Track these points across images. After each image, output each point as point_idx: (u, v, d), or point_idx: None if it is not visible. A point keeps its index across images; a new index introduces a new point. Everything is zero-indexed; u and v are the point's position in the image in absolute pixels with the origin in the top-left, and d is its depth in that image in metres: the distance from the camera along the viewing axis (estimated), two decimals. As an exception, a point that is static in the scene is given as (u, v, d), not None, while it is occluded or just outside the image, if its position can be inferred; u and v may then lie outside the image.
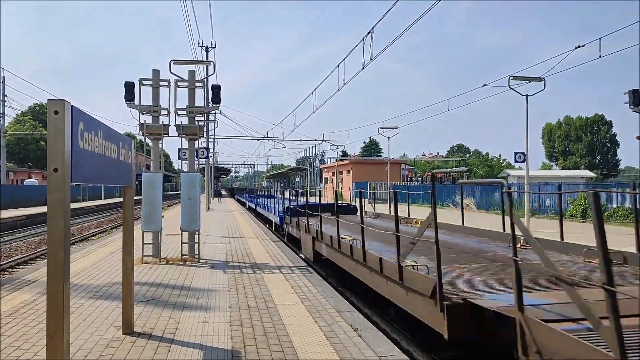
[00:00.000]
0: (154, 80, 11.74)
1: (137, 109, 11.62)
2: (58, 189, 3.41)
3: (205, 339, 5.53)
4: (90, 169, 4.10)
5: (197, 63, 18.88)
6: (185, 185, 11.32)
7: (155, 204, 10.76)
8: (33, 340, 5.43)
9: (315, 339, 5.53)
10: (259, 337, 5.59)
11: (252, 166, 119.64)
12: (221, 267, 10.35)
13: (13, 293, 7.79)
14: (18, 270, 13.91)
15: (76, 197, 46.16)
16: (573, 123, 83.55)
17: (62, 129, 3.41)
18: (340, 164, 64.38)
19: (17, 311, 6.67)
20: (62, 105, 3.44)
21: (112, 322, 6.15)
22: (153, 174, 11.06)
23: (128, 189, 5.83)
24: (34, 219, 28.21)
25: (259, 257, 11.98)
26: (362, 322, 6.39)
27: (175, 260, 11.01)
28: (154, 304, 7.13)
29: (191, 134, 12.21)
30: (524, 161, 20.73)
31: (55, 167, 3.39)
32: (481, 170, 66.83)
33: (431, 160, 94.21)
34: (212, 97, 12.51)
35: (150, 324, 6.14)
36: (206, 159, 32.76)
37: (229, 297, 7.63)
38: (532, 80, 19.68)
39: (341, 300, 7.62)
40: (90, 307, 6.87)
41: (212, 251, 12.79)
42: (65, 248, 3.45)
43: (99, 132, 4.28)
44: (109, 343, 5.35)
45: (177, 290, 8.06)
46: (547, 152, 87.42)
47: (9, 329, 5.83)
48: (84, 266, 10.35)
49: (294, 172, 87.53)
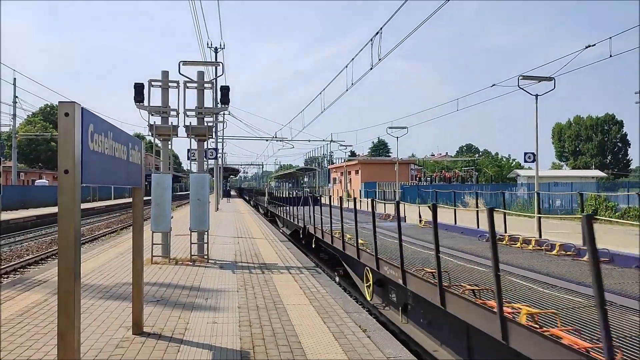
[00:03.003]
0: (164, 81, 11.81)
1: (146, 110, 11.68)
2: (69, 190, 3.43)
3: (215, 340, 5.54)
4: (101, 170, 4.13)
5: (206, 64, 18.98)
6: (194, 186, 11.36)
7: (164, 204, 10.81)
8: (44, 340, 5.47)
9: (324, 340, 5.53)
10: (268, 338, 5.60)
11: (261, 166, 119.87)
12: (230, 268, 10.38)
13: (24, 293, 7.85)
14: (29, 270, 14.04)
15: (86, 198, 46.50)
16: (583, 123, 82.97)
17: (72, 130, 3.44)
18: (349, 164, 64.31)
19: (28, 311, 6.73)
20: (72, 107, 3.47)
21: (122, 322, 6.19)
22: (162, 175, 11.11)
23: (137, 189, 5.86)
24: (44, 219, 28.43)
25: (267, 257, 11.99)
26: (371, 322, 6.38)
27: (185, 261, 11.05)
28: (163, 304, 7.16)
29: (200, 134, 12.26)
30: (534, 161, 20.61)
31: (66, 168, 3.42)
32: (490, 171, 66.47)
33: (440, 160, 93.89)
34: (221, 97, 12.55)
35: (160, 324, 6.17)
36: (215, 160, 32.84)
37: (237, 297, 7.65)
38: (542, 79, 19.56)
39: (350, 301, 7.62)
40: (100, 307, 6.92)
41: (221, 251, 12.82)
42: (76, 249, 3.47)
43: (109, 134, 4.31)
44: (119, 343, 5.38)
45: (187, 291, 8.09)
46: (557, 152, 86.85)
47: (20, 329, 5.88)
48: (94, 266, 10.42)
49: (302, 172, 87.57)
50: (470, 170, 69.48)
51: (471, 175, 65.59)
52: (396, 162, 41.83)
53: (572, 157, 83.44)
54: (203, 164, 12.76)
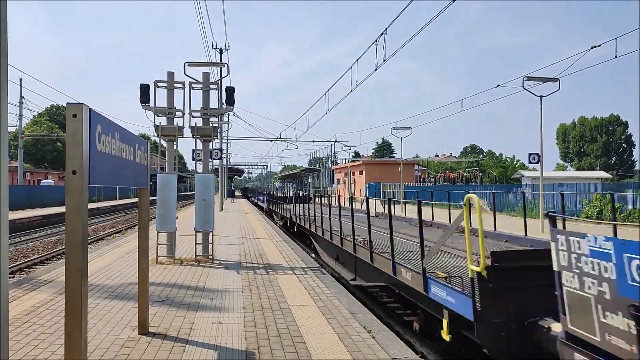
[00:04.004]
0: (169, 82, 11.84)
1: (152, 110, 11.72)
2: (76, 191, 3.45)
3: (220, 340, 5.56)
4: (108, 171, 4.15)
5: (211, 65, 19.03)
6: (199, 186, 11.40)
7: (169, 204, 10.85)
8: (50, 339, 5.51)
9: (328, 341, 5.54)
10: (273, 338, 5.62)
11: (265, 167, 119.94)
12: (235, 268, 10.40)
13: (30, 292, 7.90)
14: (35, 270, 14.11)
15: (92, 198, 46.64)
16: (588, 124, 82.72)
17: (80, 132, 3.46)
18: (353, 165, 64.27)
19: (35, 310, 6.77)
20: (80, 108, 3.49)
21: (128, 322, 6.22)
22: (168, 175, 11.15)
23: (143, 190, 5.89)
24: (50, 219, 28.57)
25: (272, 257, 12.01)
26: (375, 323, 6.38)
27: (190, 261, 11.09)
28: (168, 304, 7.19)
29: (205, 135, 12.29)
30: (538, 162, 20.57)
31: (73, 169, 3.44)
32: (495, 172, 66.32)
33: (444, 161, 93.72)
34: (226, 98, 12.58)
35: (165, 324, 6.19)
36: (220, 160, 32.89)
37: (242, 297, 7.67)
38: (546, 80, 19.52)
39: (354, 302, 7.62)
40: (106, 307, 6.95)
41: (226, 252, 12.85)
42: (83, 249, 3.50)
43: (116, 135, 4.34)
44: (125, 343, 5.41)
45: (192, 291, 8.12)
46: (562, 153, 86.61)
47: (27, 328, 5.92)
48: (100, 266, 10.46)
49: (306, 172, 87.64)
50: (474, 170, 69.35)
51: (475, 176, 65.42)
52: (400, 163, 41.75)
53: (576, 158, 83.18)
54: (208, 164, 12.79)
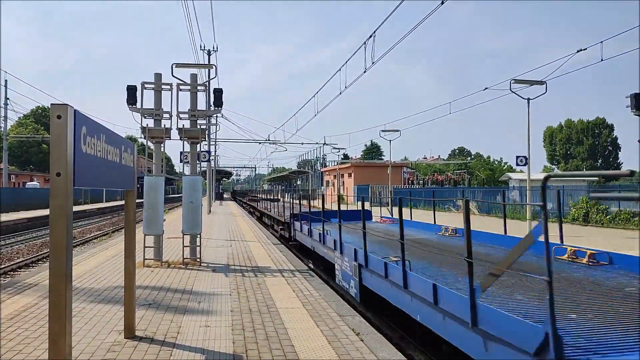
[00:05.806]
0: (156, 83, 11.76)
1: (139, 112, 11.63)
2: (61, 193, 3.40)
3: (207, 343, 5.51)
4: (93, 173, 4.10)
5: (199, 67, 18.87)
6: (187, 189, 11.31)
7: (156, 207, 10.76)
8: (35, 344, 5.42)
9: (317, 344, 5.51)
10: (261, 342, 5.58)
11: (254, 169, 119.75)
12: (223, 271, 10.34)
13: (15, 296, 7.78)
14: (20, 273, 13.93)
15: (77, 200, 46.22)
16: (574, 126, 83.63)
17: (65, 133, 3.41)
18: (342, 167, 64.32)
19: (19, 314, 6.66)
20: (65, 109, 3.44)
21: (114, 326, 6.14)
22: (155, 177, 11.06)
23: (130, 192, 5.83)
24: (35, 221, 28.22)
25: (260, 260, 11.96)
26: (364, 326, 6.37)
27: (177, 264, 11.00)
28: (155, 308, 7.12)
29: (193, 137, 12.22)
30: (526, 164, 20.75)
31: (58, 171, 3.39)
32: (482, 174, 66.77)
33: (432, 163, 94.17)
34: (214, 100, 12.51)
35: (152, 328, 6.13)
36: (208, 162, 32.74)
37: (230, 300, 7.62)
38: (534, 83, 19.71)
39: (343, 304, 7.60)
40: (92, 311, 6.86)
41: (214, 254, 12.77)
42: (67, 252, 3.44)
43: (101, 136, 4.29)
44: (111, 347, 5.34)
45: (179, 294, 8.05)
46: (549, 156, 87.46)
47: (11, 333, 5.82)
48: (86, 269, 10.34)
49: (295, 175, 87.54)
50: (462, 173, 69.80)
51: (463, 179, 65.87)
52: (389, 165, 41.89)
53: (563, 160, 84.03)
54: (196, 166, 12.71)
